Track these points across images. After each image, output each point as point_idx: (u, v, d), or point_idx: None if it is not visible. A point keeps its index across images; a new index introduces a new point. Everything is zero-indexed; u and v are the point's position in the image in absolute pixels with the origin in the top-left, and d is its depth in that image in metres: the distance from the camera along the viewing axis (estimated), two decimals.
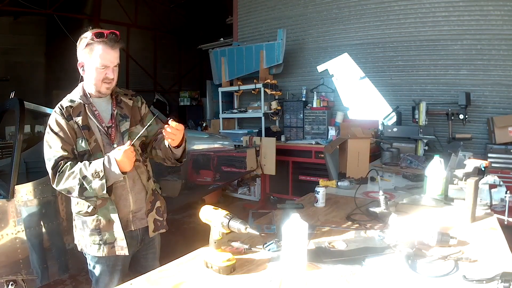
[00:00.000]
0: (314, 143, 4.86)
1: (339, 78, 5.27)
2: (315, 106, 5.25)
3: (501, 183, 1.97)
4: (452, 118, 4.16)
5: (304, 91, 5.44)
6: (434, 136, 4.09)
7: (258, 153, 4.56)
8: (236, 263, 1.18)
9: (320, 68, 5.33)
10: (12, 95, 2.45)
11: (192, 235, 2.75)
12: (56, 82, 6.80)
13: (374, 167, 2.74)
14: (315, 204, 1.92)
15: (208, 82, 7.02)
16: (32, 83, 6.87)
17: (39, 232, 2.09)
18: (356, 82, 5.11)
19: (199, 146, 3.58)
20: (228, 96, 6.22)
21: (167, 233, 1.70)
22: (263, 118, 5.39)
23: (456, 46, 4.43)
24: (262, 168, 4.64)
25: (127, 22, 8.21)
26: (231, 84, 5.89)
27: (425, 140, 4.09)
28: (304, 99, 5.40)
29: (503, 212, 1.87)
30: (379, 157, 3.88)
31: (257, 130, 5.51)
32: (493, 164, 3.61)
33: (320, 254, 1.28)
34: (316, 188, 1.94)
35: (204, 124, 7.14)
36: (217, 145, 3.81)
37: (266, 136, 5.14)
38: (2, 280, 1.76)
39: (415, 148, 4.15)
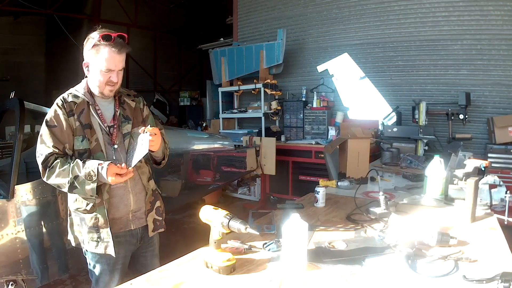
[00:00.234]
0: (314, 143, 4.86)
1: (339, 78, 5.27)
2: (315, 106, 5.25)
3: (501, 183, 1.97)
4: (452, 118, 4.16)
5: (304, 91, 5.44)
6: (434, 136, 4.09)
7: (258, 153, 4.56)
8: (236, 263, 1.18)
9: (320, 68, 5.34)
10: (12, 95, 2.45)
11: (192, 235, 2.75)
12: (56, 82, 6.81)
13: (374, 167, 2.74)
14: (315, 204, 1.92)
15: (208, 82, 7.03)
16: (32, 83, 6.88)
17: (39, 232, 2.09)
18: (356, 82, 5.11)
19: (199, 146, 3.58)
20: (228, 96, 6.22)
21: (167, 233, 1.70)
22: (263, 118, 5.39)
23: (456, 46, 4.43)
24: (262, 168, 4.64)
25: (127, 22, 8.22)
26: (231, 84, 5.89)
27: (425, 140, 4.09)
28: (304, 99, 5.41)
29: (503, 212, 1.87)
30: (379, 157, 3.88)
31: (257, 130, 5.51)
32: (493, 164, 3.61)
33: (320, 254, 1.28)
34: (316, 188, 1.94)
35: (204, 124, 7.14)
36: (217, 145, 3.81)
37: (266, 136, 5.14)
38: (2, 280, 1.75)
39: (415, 148, 4.15)
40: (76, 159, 1.40)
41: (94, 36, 1.41)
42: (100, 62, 1.42)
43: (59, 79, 6.75)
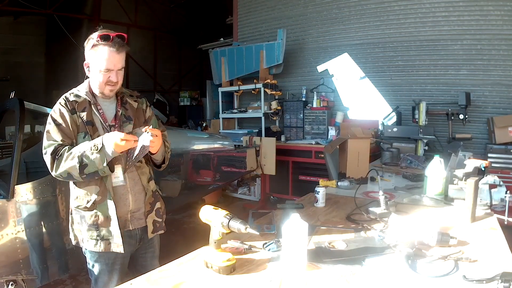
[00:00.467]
0: (314, 143, 4.86)
1: (339, 78, 5.27)
2: (315, 106, 5.26)
3: (501, 183, 1.96)
4: (452, 118, 4.16)
5: (304, 91, 5.44)
6: (434, 136, 4.09)
7: (258, 153, 4.56)
8: (236, 263, 1.18)
9: (320, 68, 5.34)
10: (12, 95, 2.45)
11: (192, 235, 2.75)
12: (56, 82, 6.82)
13: (374, 167, 2.74)
14: (315, 204, 1.92)
15: (208, 82, 7.03)
16: (32, 83, 6.88)
17: (39, 232, 2.09)
18: (356, 82, 5.11)
19: (199, 146, 3.58)
20: (228, 96, 6.22)
21: (167, 233, 1.70)
22: (263, 118, 5.39)
23: (456, 46, 4.43)
24: (262, 168, 4.64)
25: (127, 22, 8.22)
26: (231, 84, 5.89)
27: (425, 140, 4.09)
28: (304, 99, 5.41)
29: (503, 212, 1.87)
30: (379, 157, 3.88)
31: (257, 130, 5.51)
32: (493, 164, 3.61)
33: (320, 254, 1.28)
34: (316, 188, 1.94)
35: (204, 124, 7.14)
36: (217, 145, 3.81)
37: (266, 136, 5.14)
38: (2, 280, 1.75)
39: (415, 148, 4.15)
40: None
41: (94, 36, 1.42)
42: (99, 62, 1.42)
43: (59, 79, 6.76)
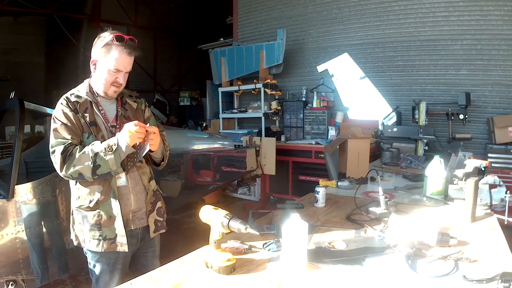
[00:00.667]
0: (314, 143, 4.86)
1: (339, 78, 5.27)
2: (315, 106, 5.26)
3: (501, 183, 1.96)
4: (452, 118, 4.16)
5: (304, 91, 5.44)
6: (434, 136, 4.09)
7: (258, 153, 4.56)
8: (236, 263, 1.18)
9: (320, 68, 5.34)
10: (12, 95, 2.45)
11: (192, 235, 2.75)
12: (56, 82, 6.81)
13: (374, 167, 2.74)
14: (315, 204, 1.92)
15: (208, 82, 7.03)
16: (32, 83, 6.87)
17: (39, 232, 2.09)
18: (356, 82, 5.11)
19: (199, 146, 3.58)
20: (228, 96, 6.22)
21: (167, 233, 1.70)
22: (263, 118, 5.39)
23: (456, 46, 4.43)
24: (262, 168, 4.64)
25: (127, 22, 8.21)
26: (231, 84, 5.89)
27: (425, 140, 4.09)
28: (304, 99, 5.41)
29: (503, 212, 1.87)
30: (379, 157, 3.88)
31: (257, 130, 5.51)
32: (493, 164, 3.61)
33: (320, 254, 1.28)
34: (316, 188, 1.94)
35: (204, 124, 7.14)
36: (217, 145, 3.81)
37: (266, 136, 5.14)
38: (2, 280, 1.75)
39: (415, 148, 4.15)
40: (93, 142, 1.41)
41: (106, 36, 1.44)
42: (110, 61, 1.44)
43: (59, 79, 6.76)
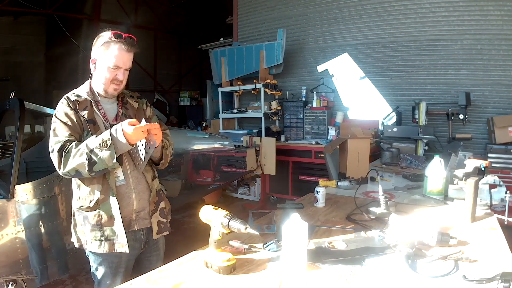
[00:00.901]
0: (314, 143, 4.86)
1: (339, 78, 5.27)
2: (315, 106, 5.26)
3: (501, 183, 1.96)
4: (452, 118, 4.16)
5: (304, 91, 5.44)
6: (434, 136, 4.09)
7: (258, 153, 4.56)
8: (236, 263, 1.18)
9: (320, 68, 5.34)
10: (12, 95, 2.45)
11: (192, 235, 2.75)
12: (56, 82, 6.81)
13: (374, 167, 2.74)
14: (315, 204, 1.92)
15: (208, 82, 7.03)
16: (32, 83, 6.88)
17: (39, 232, 2.08)
18: (356, 82, 5.11)
19: (199, 146, 3.58)
20: (228, 96, 6.23)
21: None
22: (263, 118, 5.39)
23: (456, 46, 4.43)
24: (262, 168, 4.65)
25: (127, 22, 8.20)
26: (231, 84, 5.89)
27: (425, 140, 4.09)
28: (304, 99, 5.41)
29: (503, 212, 1.87)
30: (379, 157, 3.88)
31: (257, 130, 5.51)
32: (493, 164, 3.61)
33: (320, 254, 1.28)
34: (316, 188, 1.94)
35: (204, 124, 7.15)
36: (217, 145, 3.81)
37: (266, 136, 5.14)
38: (2, 280, 1.75)
39: (415, 148, 4.15)
40: (89, 137, 1.40)
41: (105, 34, 1.46)
42: (109, 58, 1.44)
43: (59, 79, 6.76)
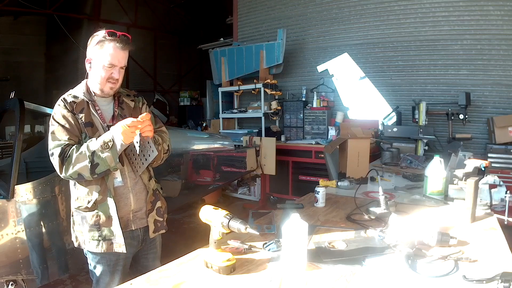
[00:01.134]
0: (314, 143, 4.86)
1: (339, 78, 5.27)
2: (315, 106, 5.26)
3: (501, 183, 1.96)
4: (452, 118, 4.16)
5: (304, 91, 5.45)
6: (434, 136, 4.09)
7: (258, 153, 4.56)
8: (236, 263, 1.18)
9: (320, 68, 5.34)
10: (12, 95, 2.45)
11: (192, 235, 2.75)
12: (56, 82, 6.81)
13: (374, 167, 2.74)
14: (315, 204, 1.92)
15: (208, 82, 7.03)
16: (32, 83, 6.88)
17: (39, 232, 2.08)
18: (356, 82, 5.12)
19: (199, 146, 3.58)
20: (228, 96, 6.23)
21: (167, 233, 1.70)
22: (263, 118, 5.39)
23: (456, 46, 4.44)
24: (262, 168, 4.65)
25: (127, 22, 8.21)
26: (231, 84, 5.89)
27: (425, 140, 4.09)
28: (304, 99, 5.41)
29: (503, 212, 1.87)
30: (379, 157, 3.88)
31: (257, 130, 5.51)
32: (493, 164, 3.61)
33: (320, 254, 1.28)
34: (316, 188, 1.94)
35: (204, 124, 7.14)
36: (217, 145, 3.81)
37: (266, 136, 5.14)
38: (2, 280, 1.75)
39: (415, 148, 4.15)
40: (89, 140, 1.40)
41: (99, 34, 1.46)
42: (104, 57, 1.44)
43: (59, 79, 6.76)
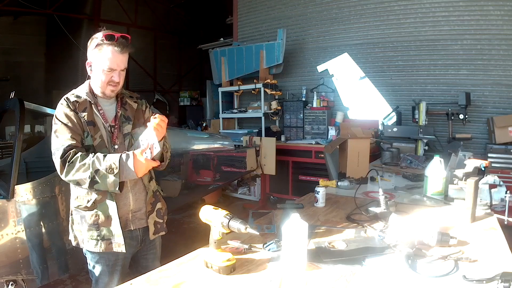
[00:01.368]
0: (314, 143, 4.86)
1: (339, 78, 5.28)
2: (315, 106, 5.26)
3: (501, 183, 1.96)
4: (452, 118, 4.16)
5: (304, 91, 5.45)
6: (434, 136, 4.09)
7: (258, 153, 4.56)
8: (236, 263, 1.18)
9: (320, 68, 5.34)
10: (12, 95, 2.45)
11: (192, 235, 2.75)
12: (56, 82, 6.80)
13: (374, 167, 2.74)
14: (315, 204, 1.92)
15: (208, 82, 7.03)
16: (32, 83, 6.87)
17: (39, 232, 2.08)
18: (356, 82, 5.12)
19: (199, 146, 3.58)
20: (228, 96, 6.23)
21: (167, 233, 1.70)
22: (263, 118, 5.39)
23: (456, 46, 4.44)
24: (262, 168, 4.64)
25: (127, 22, 8.21)
26: (231, 84, 5.89)
27: (425, 140, 4.09)
28: (304, 99, 5.41)
29: (503, 212, 1.87)
30: (379, 157, 3.88)
31: (257, 130, 5.51)
32: (493, 164, 3.61)
33: (320, 254, 1.28)
34: (316, 188, 1.94)
35: (204, 124, 7.15)
36: (217, 145, 3.81)
37: (266, 136, 5.14)
38: (2, 280, 1.75)
39: (415, 148, 4.15)
40: (97, 153, 1.38)
41: (98, 36, 1.43)
42: (103, 61, 1.43)
43: (59, 79, 6.75)
